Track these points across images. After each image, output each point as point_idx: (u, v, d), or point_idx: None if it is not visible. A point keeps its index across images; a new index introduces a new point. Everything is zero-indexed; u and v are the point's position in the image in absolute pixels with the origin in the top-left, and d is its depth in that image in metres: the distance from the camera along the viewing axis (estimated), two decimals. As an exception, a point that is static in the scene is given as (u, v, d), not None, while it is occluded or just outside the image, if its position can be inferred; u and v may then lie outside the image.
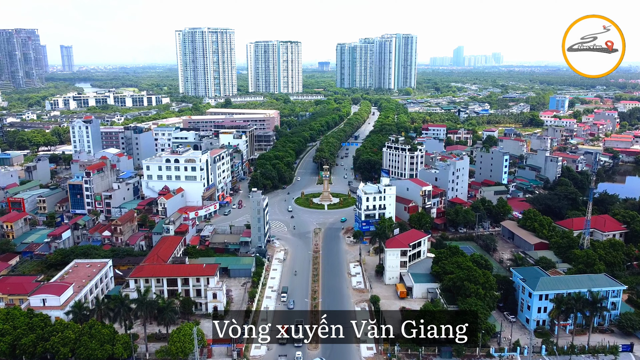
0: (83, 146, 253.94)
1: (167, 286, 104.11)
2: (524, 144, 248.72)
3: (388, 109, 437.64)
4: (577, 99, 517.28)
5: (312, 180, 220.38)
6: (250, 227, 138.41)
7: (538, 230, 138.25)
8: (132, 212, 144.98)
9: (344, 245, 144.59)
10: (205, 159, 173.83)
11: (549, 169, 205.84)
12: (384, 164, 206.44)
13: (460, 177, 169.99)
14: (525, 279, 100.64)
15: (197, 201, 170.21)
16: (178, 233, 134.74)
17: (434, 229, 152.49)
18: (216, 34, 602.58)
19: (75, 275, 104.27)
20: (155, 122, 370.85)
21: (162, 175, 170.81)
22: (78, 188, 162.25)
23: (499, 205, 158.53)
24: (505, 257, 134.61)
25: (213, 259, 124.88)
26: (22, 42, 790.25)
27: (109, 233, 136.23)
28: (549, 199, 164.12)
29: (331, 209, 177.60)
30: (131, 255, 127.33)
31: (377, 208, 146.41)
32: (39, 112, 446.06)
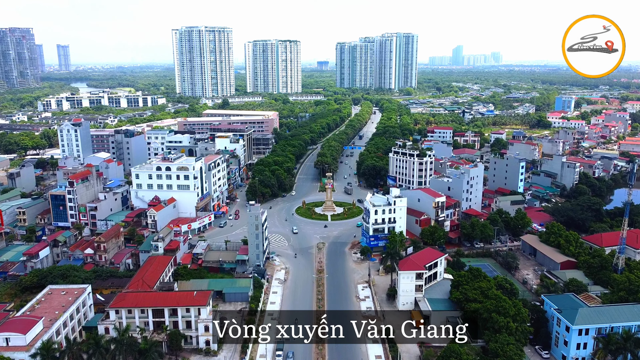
0: (72, 151, 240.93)
1: (153, 317, 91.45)
2: (535, 147, 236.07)
3: (390, 109, 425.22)
4: (583, 100, 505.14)
5: (313, 187, 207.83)
6: (248, 244, 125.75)
7: (564, 247, 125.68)
8: (117, 227, 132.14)
9: (350, 262, 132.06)
10: (199, 166, 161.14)
11: (566, 176, 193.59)
12: (390, 170, 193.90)
13: (475, 186, 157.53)
14: (561, 309, 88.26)
15: (191, 212, 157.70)
16: (168, 251, 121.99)
17: (448, 244, 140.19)
18: (213, 33, 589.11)
19: (48, 305, 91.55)
20: (149, 124, 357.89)
21: (153, 184, 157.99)
22: (61, 199, 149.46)
23: (518, 217, 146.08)
24: (529, 276, 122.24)
25: (206, 281, 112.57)
26: (17, 41, 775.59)
27: (91, 251, 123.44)
28: (571, 210, 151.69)
29: (335, 220, 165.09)
30: (115, 277, 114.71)
31: (387, 222, 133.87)
32: (30, 113, 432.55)
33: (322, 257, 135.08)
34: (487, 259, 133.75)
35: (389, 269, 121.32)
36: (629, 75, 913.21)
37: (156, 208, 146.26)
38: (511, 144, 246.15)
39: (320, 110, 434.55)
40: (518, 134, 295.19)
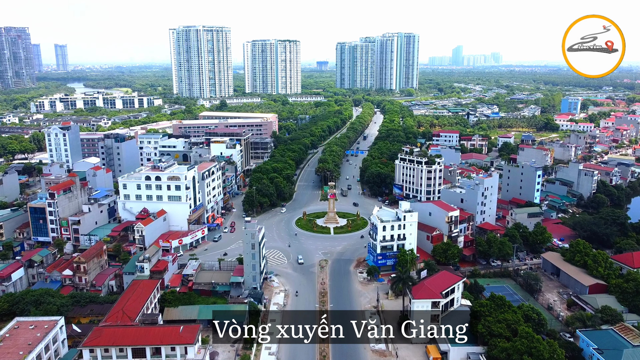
0: (60, 156, 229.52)
1: (133, 357, 79.73)
2: (547, 153, 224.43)
3: (392, 111, 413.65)
4: (589, 101, 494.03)
5: (314, 195, 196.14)
6: (244, 263, 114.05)
7: (591, 268, 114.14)
8: (99, 245, 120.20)
9: (356, 283, 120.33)
10: (192, 175, 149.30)
11: (583, 184, 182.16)
12: (397, 179, 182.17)
13: (489, 197, 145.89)
14: (602, 349, 76.75)
15: (182, 225, 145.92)
16: (155, 273, 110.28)
17: (462, 262, 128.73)
18: (211, 33, 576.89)
19: (12, 342, 79.59)
20: (144, 127, 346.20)
21: (141, 194, 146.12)
22: (41, 212, 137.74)
23: (537, 232, 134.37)
24: (554, 300, 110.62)
25: (196, 308, 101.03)
26: (12, 41, 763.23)
27: (70, 272, 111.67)
28: (595, 224, 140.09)
29: (338, 233, 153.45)
30: (95, 302, 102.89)
31: (396, 239, 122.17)
32: (22, 114, 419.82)
33: (325, 277, 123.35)
34: (506, 279, 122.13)
35: (399, 291, 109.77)
36: (631, 76, 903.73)
37: (144, 222, 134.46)
38: (521, 148, 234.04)
39: (320, 112, 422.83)
40: (527, 137, 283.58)
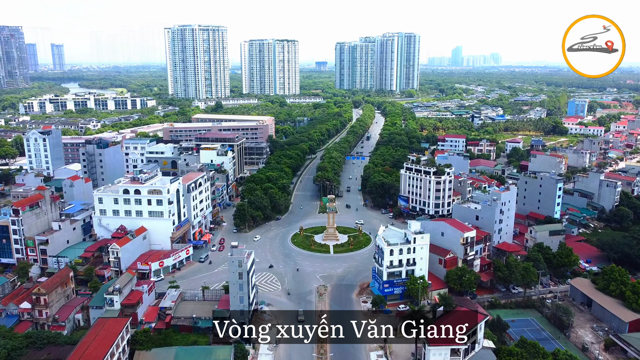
0: (40, 162, 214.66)
1: None
2: (562, 160, 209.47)
3: (394, 113, 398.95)
4: (596, 103, 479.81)
5: (312, 206, 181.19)
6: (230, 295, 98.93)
7: (630, 300, 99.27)
8: (65, 272, 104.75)
9: (359, 315, 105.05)
10: (176, 188, 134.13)
11: (605, 196, 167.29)
12: (402, 190, 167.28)
13: (506, 214, 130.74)
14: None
15: (165, 244, 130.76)
16: (126, 306, 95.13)
17: (479, 289, 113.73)
18: (207, 32, 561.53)
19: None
20: (135, 129, 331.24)
21: (119, 210, 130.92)
22: (4, 230, 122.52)
23: (562, 253, 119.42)
24: (588, 338, 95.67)
25: (172, 352, 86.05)
26: (5, 40, 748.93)
27: (29, 305, 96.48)
28: (627, 245, 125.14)
29: (338, 252, 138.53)
30: (54, 344, 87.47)
31: (405, 264, 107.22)
32: (9, 116, 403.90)
33: (324, 307, 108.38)
34: (530, 310, 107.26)
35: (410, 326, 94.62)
36: (633, 77, 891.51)
37: (120, 242, 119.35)
38: (533, 155, 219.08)
39: (319, 114, 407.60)
40: (536, 142, 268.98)
